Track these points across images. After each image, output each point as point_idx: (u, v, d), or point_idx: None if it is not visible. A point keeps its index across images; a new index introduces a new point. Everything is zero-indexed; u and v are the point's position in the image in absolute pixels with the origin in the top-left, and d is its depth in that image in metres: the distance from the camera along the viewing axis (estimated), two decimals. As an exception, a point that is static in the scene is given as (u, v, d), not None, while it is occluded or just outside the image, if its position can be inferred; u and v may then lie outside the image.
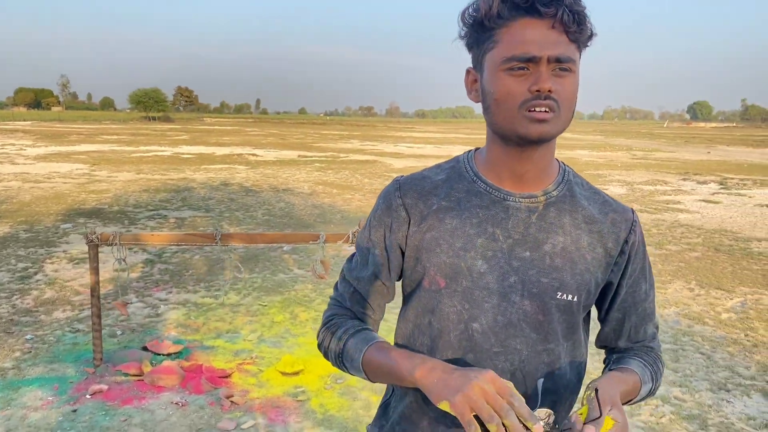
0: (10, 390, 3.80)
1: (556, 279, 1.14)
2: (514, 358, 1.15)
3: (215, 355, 4.38)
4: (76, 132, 41.15)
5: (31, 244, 7.84)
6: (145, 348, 4.45)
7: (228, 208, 11.00)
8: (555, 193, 1.18)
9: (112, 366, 4.11)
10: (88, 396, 3.72)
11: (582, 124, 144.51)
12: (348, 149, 29.20)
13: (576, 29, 1.06)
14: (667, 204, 12.62)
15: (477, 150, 1.26)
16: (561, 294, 1.14)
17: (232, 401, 3.68)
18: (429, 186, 1.22)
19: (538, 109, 1.06)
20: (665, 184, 16.35)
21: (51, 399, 3.69)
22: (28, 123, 60.03)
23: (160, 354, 4.33)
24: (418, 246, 1.19)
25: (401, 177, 1.27)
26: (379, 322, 1.30)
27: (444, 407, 0.98)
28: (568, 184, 1.21)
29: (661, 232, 9.60)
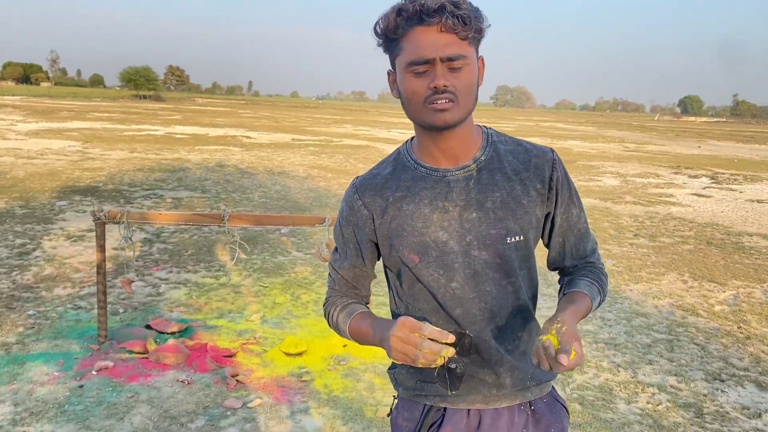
0: (15, 365, 3.82)
1: (502, 228, 1.38)
2: (486, 297, 1.41)
3: (219, 335, 4.42)
4: (66, 108, 40.71)
5: (28, 220, 7.81)
6: (149, 326, 4.48)
7: (224, 189, 10.99)
8: (483, 158, 1.41)
9: (116, 343, 4.14)
10: (94, 372, 3.75)
11: (574, 114, 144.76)
12: (341, 134, 29.14)
13: (462, 29, 1.26)
14: (660, 197, 12.74)
15: (412, 140, 1.49)
16: (510, 238, 1.38)
17: (237, 380, 3.73)
18: (380, 181, 1.46)
19: (438, 102, 1.29)
20: (657, 177, 16.48)
21: (57, 374, 3.71)
22: (17, 98, 59.33)
23: (164, 332, 4.36)
24: (387, 235, 1.42)
25: (357, 179, 1.51)
26: (368, 296, 1.58)
27: (395, 361, 1.25)
28: (492, 145, 1.44)
29: (655, 224, 9.70)
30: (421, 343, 1.19)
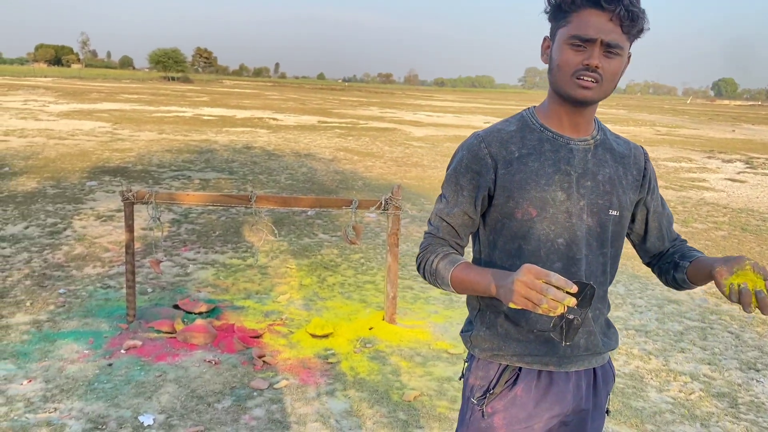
0: (46, 342, 3.88)
1: (607, 200, 1.53)
2: (581, 263, 1.52)
3: (246, 315, 4.43)
4: (96, 90, 41.22)
5: (59, 200, 7.92)
6: (177, 306, 4.51)
7: (251, 171, 11.02)
8: (599, 137, 1.57)
9: (144, 322, 4.18)
10: (122, 351, 3.79)
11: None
12: (367, 116, 29.03)
13: (629, 24, 1.40)
14: (693, 182, 12.46)
15: (536, 107, 1.61)
16: (611, 211, 1.54)
17: (264, 361, 3.73)
18: (506, 136, 1.56)
19: (585, 78, 1.42)
20: (690, 161, 16.12)
21: (87, 352, 3.76)
22: (48, 79, 60.23)
23: (191, 312, 4.39)
24: (508, 186, 1.51)
25: (479, 132, 1.60)
26: (465, 247, 1.63)
27: (513, 306, 1.28)
28: (602, 130, 1.60)
29: (687, 209, 9.49)
30: (546, 290, 1.22)
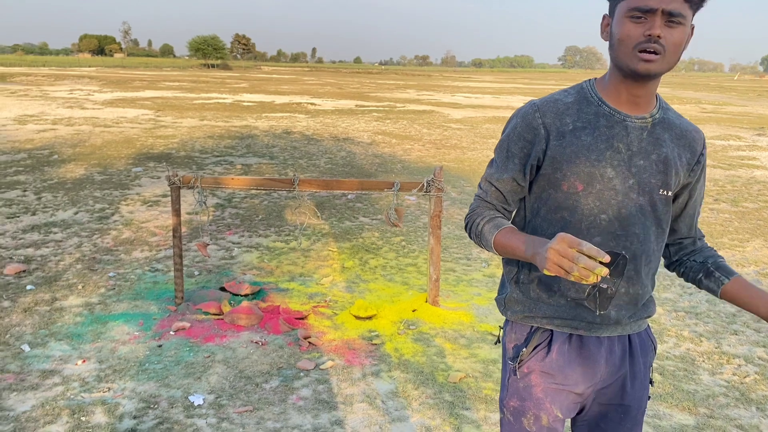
0: (98, 324, 3.99)
1: (660, 180, 1.51)
2: (632, 239, 1.52)
3: (290, 297, 4.48)
4: (139, 78, 41.98)
5: (106, 186, 8.11)
6: (223, 288, 4.58)
7: (291, 155, 11.09)
8: (658, 116, 1.53)
9: (192, 305, 4.25)
10: (171, 332, 3.87)
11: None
12: (405, 99, 28.88)
13: None
14: (742, 160, 12.05)
15: (596, 80, 1.58)
16: (662, 191, 1.52)
17: (309, 342, 3.77)
18: (562, 107, 1.54)
19: (648, 51, 1.38)
20: (739, 139, 15.59)
21: (137, 334, 3.85)
22: (92, 69, 61.58)
23: (238, 295, 4.45)
24: (558, 158, 1.50)
25: (536, 100, 1.57)
26: (513, 212, 1.65)
27: (547, 273, 1.29)
28: (663, 109, 1.54)
29: (737, 188, 9.19)
30: (578, 258, 1.23)
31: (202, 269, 5.08)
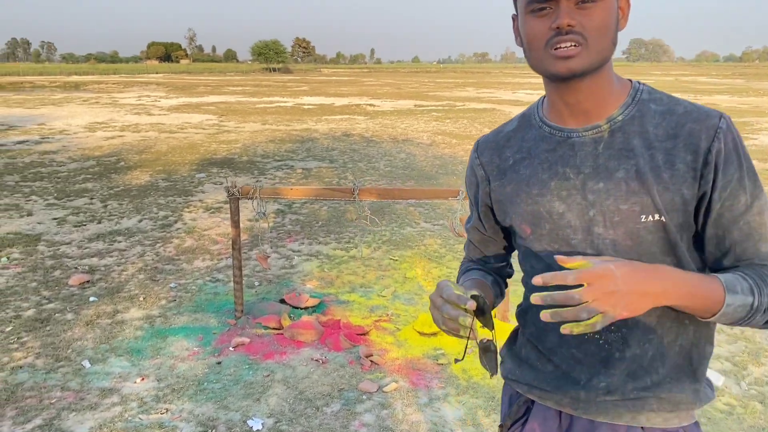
0: (158, 338, 3.92)
1: (636, 203, 1.12)
2: None
3: (351, 311, 4.31)
4: (203, 84, 43.05)
5: (170, 192, 8.19)
6: (283, 300, 4.46)
7: (351, 158, 10.99)
8: (620, 118, 1.15)
9: (252, 318, 4.14)
10: (231, 348, 3.76)
11: (718, 67, 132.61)
12: (464, 97, 28.49)
13: None
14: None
15: (544, 96, 1.28)
16: (646, 216, 1.11)
17: (372, 361, 3.59)
18: (503, 140, 1.30)
19: (562, 46, 1.07)
20: (827, 133, 14.55)
21: (196, 350, 3.76)
22: (160, 75, 63.64)
23: (297, 307, 4.32)
24: (501, 200, 1.27)
25: (481, 137, 1.36)
26: (500, 266, 1.43)
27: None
28: (639, 104, 1.16)
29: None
30: (443, 307, 1.06)
31: (262, 279, 4.98)
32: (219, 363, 3.58)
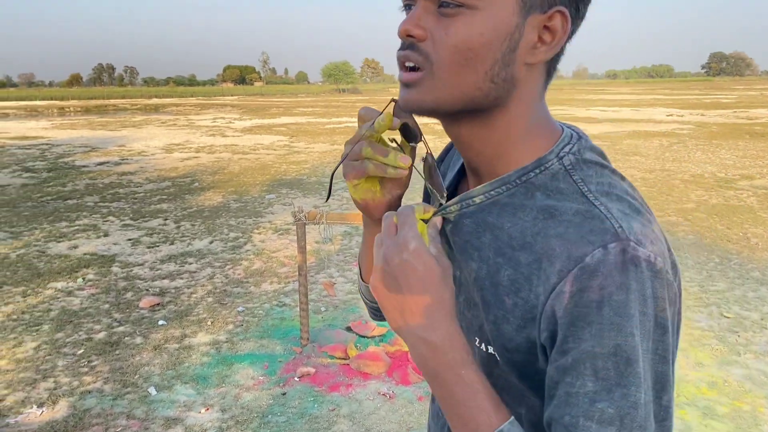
0: (224, 365, 3.86)
1: (476, 317, 0.78)
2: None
3: (420, 342, 4.13)
4: (275, 105, 44.14)
5: (241, 213, 8.26)
6: (350, 328, 4.33)
7: (418, 179, 10.83)
8: (479, 199, 0.76)
9: (318, 346, 4.03)
10: (296, 378, 3.64)
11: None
12: (536, 115, 27.91)
13: None
14: None
15: None
16: (478, 341, 0.78)
17: (442, 397, 3.39)
18: None
19: (402, 68, 0.74)
20: None
21: (261, 379, 3.67)
22: (234, 98, 65.83)
23: (364, 336, 4.17)
24: None
25: None
26: None
27: None
28: (527, 183, 0.74)
29: None
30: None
31: (328, 305, 4.87)
32: (284, 394, 3.47)
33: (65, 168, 12.88)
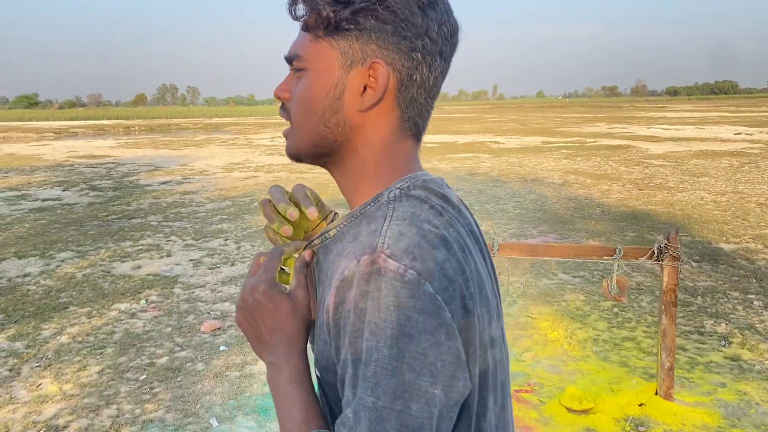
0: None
1: (312, 342, 0.88)
2: None
3: (488, 377, 3.95)
4: (330, 123, 44.60)
5: (299, 235, 8.25)
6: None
7: (477, 200, 10.64)
8: (332, 232, 0.86)
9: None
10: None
11: None
12: (595, 133, 27.32)
13: (303, 17, 0.84)
14: None
15: None
16: (316, 364, 0.85)
17: (514, 441, 3.20)
18: None
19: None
20: None
21: (324, 412, 3.56)
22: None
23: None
24: None
25: None
26: None
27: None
28: (364, 214, 0.83)
29: None
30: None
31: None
32: (347, 431, 3.34)
33: (130, 187, 13.24)
